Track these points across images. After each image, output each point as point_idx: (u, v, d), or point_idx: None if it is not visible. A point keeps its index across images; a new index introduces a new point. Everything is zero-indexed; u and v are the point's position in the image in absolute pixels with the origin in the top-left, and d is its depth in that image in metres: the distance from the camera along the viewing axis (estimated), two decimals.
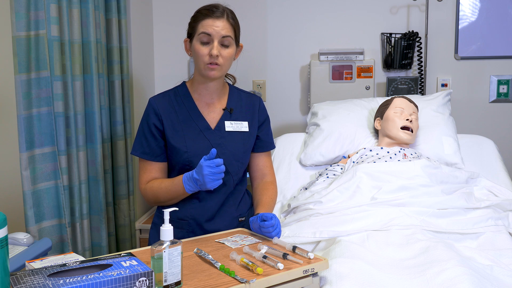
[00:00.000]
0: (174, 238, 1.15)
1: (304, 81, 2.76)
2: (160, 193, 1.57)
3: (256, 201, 1.66)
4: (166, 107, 1.60)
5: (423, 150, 2.04)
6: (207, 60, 1.54)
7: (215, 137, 1.63)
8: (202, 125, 1.61)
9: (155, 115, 1.60)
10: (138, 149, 1.62)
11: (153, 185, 1.59)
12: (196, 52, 1.54)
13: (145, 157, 1.60)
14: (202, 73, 1.57)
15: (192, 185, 1.49)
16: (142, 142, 1.61)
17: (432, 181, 1.72)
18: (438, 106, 2.22)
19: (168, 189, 1.56)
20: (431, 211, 1.59)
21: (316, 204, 1.70)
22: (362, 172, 1.74)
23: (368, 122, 2.21)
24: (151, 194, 1.60)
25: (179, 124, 1.59)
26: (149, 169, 1.61)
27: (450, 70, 2.69)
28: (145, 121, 1.62)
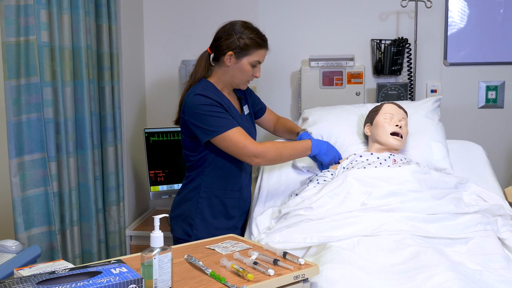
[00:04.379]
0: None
1: (295, 87, 2.76)
2: (285, 150, 1.81)
3: (289, 127, 2.09)
4: (215, 97, 1.79)
5: (413, 156, 2.04)
6: (250, 78, 1.87)
7: (243, 121, 1.92)
8: (236, 112, 1.89)
9: (215, 100, 1.77)
10: (224, 125, 1.75)
11: (275, 144, 1.83)
12: (245, 70, 1.82)
13: (236, 125, 1.77)
14: (238, 85, 1.88)
15: (317, 152, 1.87)
16: (222, 120, 1.75)
17: (421, 186, 1.72)
18: (428, 112, 2.22)
19: (294, 148, 1.84)
20: (421, 216, 1.59)
21: (307, 209, 1.69)
22: (352, 178, 1.74)
23: (358, 128, 2.21)
24: (275, 151, 1.79)
25: (227, 108, 1.83)
26: (244, 132, 1.78)
27: (440, 76, 2.70)
28: (211, 106, 1.76)
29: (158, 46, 2.78)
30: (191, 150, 1.90)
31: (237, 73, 1.83)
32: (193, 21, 2.75)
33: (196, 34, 2.75)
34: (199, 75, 1.88)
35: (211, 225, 1.87)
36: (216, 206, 1.90)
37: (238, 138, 1.76)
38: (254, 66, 1.84)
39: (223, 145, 1.78)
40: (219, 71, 1.86)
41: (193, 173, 1.90)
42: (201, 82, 1.86)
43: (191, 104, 1.78)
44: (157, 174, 2.46)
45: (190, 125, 1.82)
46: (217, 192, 1.90)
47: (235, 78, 1.86)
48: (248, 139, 1.78)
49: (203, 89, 1.82)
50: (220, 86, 1.89)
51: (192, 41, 2.74)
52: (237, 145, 1.75)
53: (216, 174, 1.89)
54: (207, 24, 2.71)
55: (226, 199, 1.90)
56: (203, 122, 1.77)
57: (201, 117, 1.77)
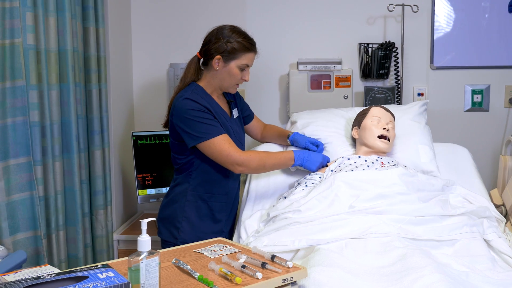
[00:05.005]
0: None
1: (283, 90, 2.75)
2: (268, 160, 1.82)
3: (279, 132, 2.13)
4: (204, 102, 1.79)
5: (400, 159, 2.03)
6: (239, 82, 1.87)
7: (232, 124, 1.92)
8: (225, 115, 1.89)
9: (203, 105, 1.77)
10: (210, 132, 1.75)
11: (259, 153, 1.83)
12: (233, 74, 1.82)
13: (222, 132, 1.77)
14: (227, 88, 1.88)
15: (300, 162, 1.87)
16: (208, 126, 1.75)
17: (409, 189, 1.72)
18: (415, 115, 2.22)
19: (277, 158, 1.84)
20: (408, 218, 1.60)
21: (295, 212, 1.69)
22: (340, 181, 1.73)
23: (346, 131, 2.20)
24: (258, 160, 1.79)
25: (217, 115, 1.83)
26: (230, 140, 1.78)
27: (426, 79, 2.69)
28: (199, 111, 1.76)
29: (146, 49, 2.76)
30: (178, 153, 1.89)
31: (226, 76, 1.84)
32: (181, 24, 2.73)
33: (185, 37, 2.73)
34: (189, 79, 1.88)
35: (198, 228, 1.86)
36: (202, 209, 1.89)
37: (223, 146, 1.76)
38: (243, 70, 1.85)
39: (208, 151, 1.79)
40: (208, 75, 1.87)
41: (180, 176, 1.90)
42: (190, 86, 1.87)
43: (180, 107, 1.78)
44: (145, 178, 2.44)
45: (177, 129, 1.82)
46: (204, 195, 1.89)
47: (224, 82, 1.86)
48: (233, 147, 1.78)
49: (193, 93, 1.82)
50: (210, 90, 1.90)
51: (181, 44, 2.72)
52: (221, 153, 1.76)
53: (203, 177, 1.88)
54: (195, 27, 2.70)
55: (212, 202, 1.90)
56: (190, 127, 1.77)
57: (188, 121, 1.77)
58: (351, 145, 2.15)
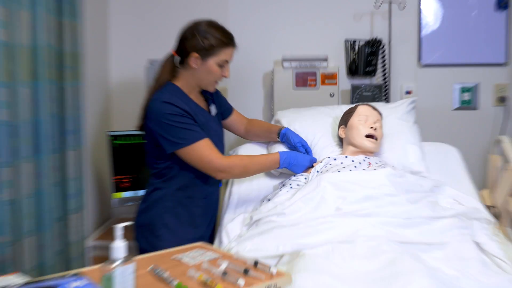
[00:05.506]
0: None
1: (267, 88, 2.75)
2: (252, 165, 1.80)
3: (267, 127, 2.09)
4: (182, 105, 1.74)
5: (388, 159, 2.02)
6: (219, 79, 1.81)
7: (211, 122, 1.87)
8: (204, 114, 1.84)
9: (183, 109, 1.73)
10: (190, 138, 1.72)
11: (242, 158, 1.80)
12: (212, 71, 1.77)
13: (202, 136, 1.73)
14: (206, 86, 1.83)
15: (286, 165, 1.85)
16: (188, 132, 1.72)
17: (397, 190, 1.70)
18: (403, 113, 2.21)
19: (261, 163, 1.82)
20: (397, 221, 1.58)
21: (280, 215, 1.67)
22: (326, 182, 1.72)
23: (332, 130, 2.18)
24: (241, 166, 1.78)
25: (195, 116, 1.77)
26: (211, 145, 1.74)
27: (414, 77, 2.70)
28: (178, 116, 1.72)
29: (124, 45, 2.70)
30: (155, 157, 1.85)
31: (205, 75, 1.80)
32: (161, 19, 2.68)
33: (165, 32, 2.65)
34: (164, 78, 1.83)
35: (178, 235, 1.83)
36: (182, 215, 1.85)
37: (203, 152, 1.73)
38: (222, 66, 1.80)
39: (188, 158, 1.76)
40: (186, 74, 1.82)
41: (158, 181, 1.86)
42: (166, 87, 1.81)
43: (157, 112, 1.73)
44: (122, 180, 2.39)
45: (155, 134, 1.76)
46: (184, 200, 1.86)
47: (203, 80, 1.83)
48: (214, 153, 1.76)
49: (170, 95, 1.77)
50: (187, 90, 1.85)
51: (160, 39, 2.66)
52: (202, 159, 1.74)
53: (183, 182, 1.85)
54: (176, 23, 2.58)
55: (193, 207, 1.87)
56: (168, 132, 1.73)
57: (166, 127, 1.72)
58: (337, 144, 2.13)
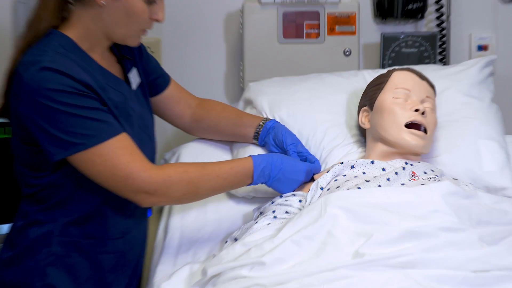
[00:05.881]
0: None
1: (232, 40, 2.63)
2: (205, 182, 1.76)
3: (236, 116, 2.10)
4: (79, 72, 1.68)
5: (446, 165, 1.93)
6: (147, 25, 1.75)
7: (135, 105, 1.82)
8: (119, 85, 1.78)
9: (80, 80, 1.67)
10: (95, 134, 1.65)
11: (187, 169, 1.73)
12: (135, 11, 1.71)
13: (117, 131, 1.67)
14: (124, 38, 1.77)
15: (264, 178, 1.85)
16: (90, 122, 1.65)
17: (462, 220, 1.62)
18: (472, 85, 2.12)
19: (221, 176, 1.78)
20: (463, 275, 1.48)
21: (255, 267, 1.58)
22: (337, 207, 1.63)
23: (347, 116, 2.08)
24: (185, 183, 1.72)
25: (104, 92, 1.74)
26: (131, 145, 1.69)
27: (493, 21, 2.67)
28: (71, 95, 1.64)
29: None
30: (31, 167, 1.73)
31: (121, 17, 1.70)
32: None
33: None
34: (46, 24, 1.71)
35: None
36: (81, 269, 1.75)
37: (117, 159, 1.64)
38: (152, 2, 1.69)
39: (89, 169, 1.65)
40: (85, 15, 1.71)
41: (34, 209, 1.75)
42: (49, 39, 1.69)
43: (32, 86, 1.62)
44: None
45: (29, 124, 1.65)
46: (83, 243, 1.75)
47: (117, 27, 1.72)
48: (137, 160, 1.66)
49: (56, 55, 1.65)
50: (87, 44, 1.73)
51: None
52: (114, 172, 1.64)
53: (80, 211, 1.75)
54: None
55: (99, 255, 1.76)
56: (54, 123, 1.62)
57: (50, 113, 1.61)
58: (357, 141, 2.04)
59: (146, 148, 1.78)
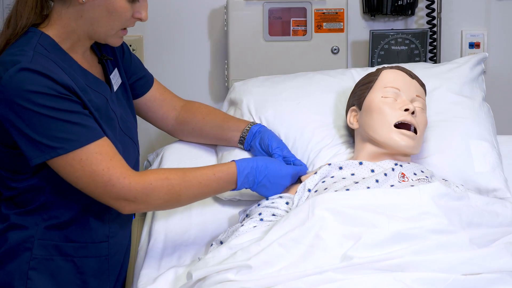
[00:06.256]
0: None
1: (216, 38, 2.63)
2: (188, 189, 1.75)
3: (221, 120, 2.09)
4: (59, 74, 1.67)
5: (437, 166, 1.93)
6: (129, 23, 1.74)
7: (117, 107, 1.82)
8: (102, 88, 1.77)
9: (60, 82, 1.66)
10: (74, 138, 1.64)
11: (168, 175, 1.73)
12: (116, 9, 1.70)
13: (97, 135, 1.67)
14: (106, 37, 1.76)
15: (249, 183, 1.84)
16: (70, 125, 1.64)
17: (452, 222, 1.62)
18: (463, 84, 2.10)
19: (203, 183, 1.78)
20: (452, 278, 1.50)
21: (241, 271, 1.59)
22: (324, 209, 1.63)
23: (335, 116, 2.06)
24: (166, 190, 1.71)
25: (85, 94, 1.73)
26: (111, 150, 1.68)
27: (485, 18, 2.65)
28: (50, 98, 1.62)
29: None
30: (10, 170, 1.73)
31: (102, 15, 1.70)
32: None
33: None
34: (24, 22, 1.70)
35: None
36: (64, 273, 1.76)
37: (97, 164, 1.64)
38: (135, 0, 1.69)
39: (68, 174, 1.65)
40: (65, 13, 1.71)
41: (15, 211, 1.75)
42: (29, 37, 1.69)
43: (11, 87, 1.62)
44: None
45: (8, 127, 1.65)
46: (66, 247, 1.75)
47: (98, 25, 1.71)
48: (117, 166, 1.66)
49: (36, 55, 1.64)
50: (68, 43, 1.73)
51: None
52: (94, 178, 1.63)
53: (62, 215, 1.75)
54: None
55: (82, 259, 1.77)
56: (32, 127, 1.62)
57: (29, 116, 1.61)
58: (345, 142, 2.03)
59: (129, 151, 1.79)
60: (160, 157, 2.15)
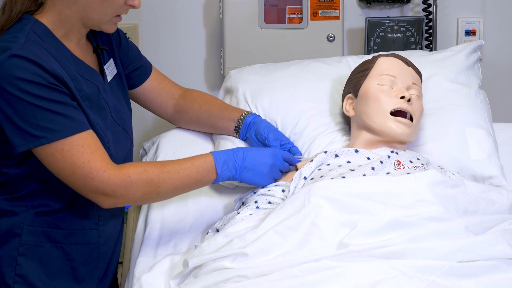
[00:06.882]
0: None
1: (212, 26, 2.66)
2: (165, 182, 1.75)
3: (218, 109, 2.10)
4: (50, 62, 1.67)
5: (433, 154, 1.94)
6: (122, 10, 1.72)
7: (108, 96, 1.81)
8: (95, 78, 1.77)
9: (50, 71, 1.66)
10: (58, 128, 1.64)
11: (147, 168, 1.73)
12: None
13: (82, 127, 1.67)
14: (99, 24, 1.75)
15: (230, 172, 1.84)
16: (55, 116, 1.64)
17: (448, 210, 1.64)
18: (459, 71, 2.11)
19: (183, 174, 1.77)
20: (448, 265, 1.50)
21: (237, 258, 1.60)
22: (320, 197, 1.64)
23: (331, 104, 2.06)
24: (144, 183, 1.72)
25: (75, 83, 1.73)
26: (95, 143, 1.68)
27: (481, 5, 2.68)
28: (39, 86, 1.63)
29: None
30: (1, 155, 1.75)
31: (95, 1, 1.70)
32: None
33: None
34: (19, 7, 1.71)
35: None
36: (53, 259, 1.77)
37: (79, 156, 1.65)
38: None
39: (50, 163, 1.66)
40: (59, 0, 1.73)
41: (5, 197, 1.77)
42: (23, 24, 1.70)
43: (1, 72, 1.64)
44: None
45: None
46: (55, 233, 1.76)
47: (91, 11, 1.71)
48: (99, 160, 1.66)
49: (28, 43, 1.65)
50: (62, 31, 1.74)
51: None
52: (74, 169, 1.64)
53: (50, 202, 1.76)
54: None
55: (71, 245, 1.78)
56: (19, 114, 1.64)
57: (16, 103, 1.63)
58: (341, 129, 2.03)
59: (121, 141, 1.81)
60: (156, 145, 2.17)
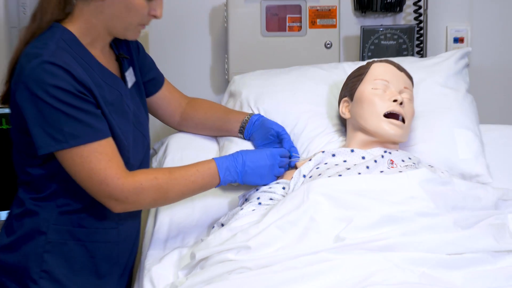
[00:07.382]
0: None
1: (217, 34, 2.70)
2: (174, 187, 1.76)
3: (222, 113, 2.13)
4: (78, 71, 1.68)
5: (423, 153, 1.97)
6: (145, 20, 1.74)
7: (130, 101, 1.81)
8: (117, 85, 1.77)
9: (79, 79, 1.68)
10: (80, 133, 1.65)
11: (157, 175, 1.73)
12: (135, 6, 1.70)
13: (102, 135, 1.67)
14: (124, 32, 1.77)
15: (232, 176, 1.85)
16: (78, 124, 1.65)
17: (438, 206, 1.66)
18: (448, 76, 2.15)
19: (189, 180, 1.78)
20: (438, 257, 1.53)
21: (241, 251, 1.61)
22: (318, 194, 1.66)
23: (329, 107, 2.10)
24: (154, 190, 1.73)
25: (99, 89, 1.73)
26: (112, 152, 1.69)
27: (469, 15, 2.72)
28: (67, 94, 1.63)
29: None
30: (26, 156, 1.73)
31: (121, 11, 1.71)
32: None
33: None
34: (49, 16, 1.71)
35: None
36: (76, 256, 1.77)
37: (96, 163, 1.65)
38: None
39: (70, 167, 1.67)
40: (87, 9, 1.72)
41: (32, 196, 1.76)
42: (52, 32, 1.69)
43: (32, 77, 1.62)
44: None
45: (24, 114, 1.65)
46: (78, 231, 1.76)
47: (117, 21, 1.73)
48: (115, 167, 1.67)
49: (59, 50, 1.64)
50: (88, 38, 1.74)
51: None
52: (90, 175, 1.65)
53: (76, 200, 1.76)
54: None
55: (93, 243, 1.79)
56: (45, 117, 1.63)
57: (44, 107, 1.61)
58: (338, 131, 2.06)
59: (139, 145, 1.81)
60: (165, 146, 2.18)
